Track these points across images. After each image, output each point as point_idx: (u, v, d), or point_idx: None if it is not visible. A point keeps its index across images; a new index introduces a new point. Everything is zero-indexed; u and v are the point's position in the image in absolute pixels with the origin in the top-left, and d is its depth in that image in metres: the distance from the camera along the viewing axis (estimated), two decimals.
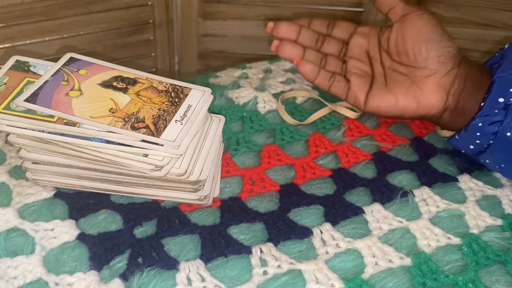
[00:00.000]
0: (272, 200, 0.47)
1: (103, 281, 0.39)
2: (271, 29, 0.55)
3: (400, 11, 0.51)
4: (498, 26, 0.97)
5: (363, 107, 0.52)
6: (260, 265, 0.41)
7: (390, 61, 0.53)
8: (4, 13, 0.88)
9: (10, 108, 0.42)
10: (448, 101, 0.49)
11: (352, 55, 0.55)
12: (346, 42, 0.56)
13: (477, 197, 0.48)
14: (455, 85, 0.49)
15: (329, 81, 0.54)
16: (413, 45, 0.50)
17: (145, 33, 1.02)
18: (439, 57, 0.49)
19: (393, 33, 0.52)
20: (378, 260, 0.42)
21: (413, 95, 0.50)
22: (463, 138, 0.49)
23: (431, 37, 0.49)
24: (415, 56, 0.50)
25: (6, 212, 0.44)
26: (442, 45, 0.49)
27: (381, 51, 0.54)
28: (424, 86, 0.50)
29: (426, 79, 0.50)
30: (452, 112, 0.49)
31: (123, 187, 0.45)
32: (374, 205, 0.47)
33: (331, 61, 0.55)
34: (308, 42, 0.55)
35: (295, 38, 0.55)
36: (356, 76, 0.53)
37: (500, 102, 0.45)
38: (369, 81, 0.53)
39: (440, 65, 0.49)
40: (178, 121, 0.42)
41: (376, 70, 0.54)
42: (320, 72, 0.53)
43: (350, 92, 0.53)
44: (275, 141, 0.54)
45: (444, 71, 0.49)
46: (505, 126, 0.45)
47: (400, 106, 0.51)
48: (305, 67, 0.53)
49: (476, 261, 0.42)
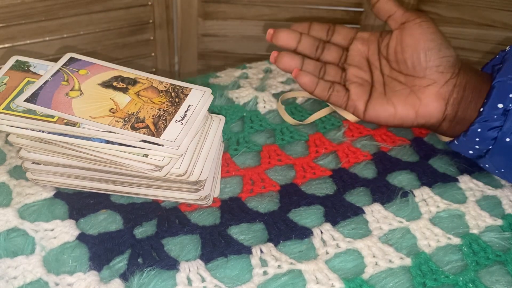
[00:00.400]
0: (272, 200, 0.47)
1: (103, 281, 0.39)
2: (270, 36, 0.55)
3: (399, 18, 0.50)
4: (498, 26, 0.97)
5: (363, 116, 0.52)
6: (260, 265, 0.41)
7: (389, 69, 0.52)
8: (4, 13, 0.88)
9: (10, 108, 0.42)
10: (447, 110, 0.49)
11: (351, 63, 0.54)
12: (346, 48, 0.56)
13: (477, 197, 0.48)
14: (454, 94, 0.48)
15: (328, 91, 0.53)
16: (411, 55, 0.49)
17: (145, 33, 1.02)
18: (438, 66, 0.49)
19: (392, 41, 0.51)
20: (378, 260, 0.42)
21: (412, 104, 0.50)
22: (462, 143, 0.49)
23: (430, 46, 0.48)
24: (413, 66, 0.49)
25: (6, 212, 0.44)
26: (441, 55, 0.48)
27: (380, 58, 0.53)
28: (423, 95, 0.49)
29: (425, 88, 0.49)
30: (451, 121, 0.49)
31: (123, 187, 0.45)
32: (374, 205, 0.47)
33: (330, 70, 0.55)
34: (308, 50, 0.55)
35: (295, 46, 0.54)
36: (355, 85, 0.53)
37: (499, 107, 0.45)
38: (369, 89, 0.53)
39: (439, 74, 0.49)
40: (178, 121, 0.42)
41: (375, 78, 0.53)
42: (319, 83, 0.53)
43: (349, 101, 0.53)
44: (275, 141, 0.54)
45: (443, 81, 0.49)
46: (505, 131, 0.45)
47: (399, 116, 0.50)
48: (303, 79, 0.53)
49: (476, 261, 0.42)
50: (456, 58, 0.49)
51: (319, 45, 0.55)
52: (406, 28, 0.50)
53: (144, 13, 0.99)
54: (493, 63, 0.51)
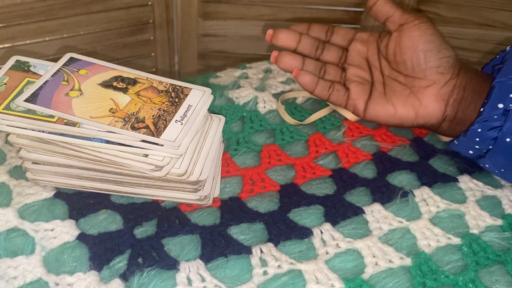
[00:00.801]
0: (272, 200, 0.47)
1: (103, 281, 0.39)
2: (270, 36, 0.55)
3: (397, 20, 0.50)
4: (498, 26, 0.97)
5: (363, 115, 0.52)
6: (260, 265, 0.41)
7: (389, 69, 0.52)
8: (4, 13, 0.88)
9: (10, 108, 0.42)
10: (447, 111, 0.49)
11: (351, 62, 0.54)
12: (346, 48, 0.56)
13: (477, 197, 0.48)
14: (454, 95, 0.48)
15: (328, 90, 0.53)
16: (411, 56, 0.49)
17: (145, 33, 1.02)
18: (437, 67, 0.48)
19: (391, 43, 0.51)
20: (378, 260, 0.42)
21: (412, 105, 0.50)
22: (462, 143, 0.49)
23: (429, 47, 0.48)
24: (413, 67, 0.49)
25: (6, 212, 0.44)
26: (440, 56, 0.48)
27: (380, 58, 0.53)
28: (423, 96, 0.49)
29: (424, 89, 0.49)
30: (451, 122, 0.49)
31: (123, 187, 0.45)
32: (374, 205, 0.47)
33: (330, 70, 0.55)
34: (308, 50, 0.54)
35: (295, 46, 0.54)
36: (355, 84, 0.53)
37: (500, 107, 0.45)
38: (369, 89, 0.53)
39: (439, 75, 0.49)
40: (178, 121, 0.42)
41: (375, 77, 0.53)
42: (319, 82, 0.53)
43: (349, 100, 0.53)
44: (275, 141, 0.54)
45: (443, 82, 0.49)
46: (505, 131, 0.45)
47: (398, 116, 0.50)
48: (304, 79, 0.53)
49: (476, 261, 0.42)
50: (455, 58, 0.49)
51: (318, 45, 0.55)
52: (404, 30, 0.49)
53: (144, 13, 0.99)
54: (493, 63, 0.51)
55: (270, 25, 1.02)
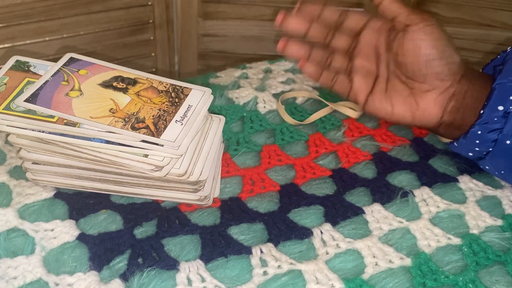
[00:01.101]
0: (272, 200, 0.47)
1: (103, 281, 0.39)
2: (280, 21, 0.52)
3: (403, 20, 0.48)
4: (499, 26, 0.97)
5: (362, 108, 0.52)
6: (260, 266, 0.41)
7: (394, 66, 0.52)
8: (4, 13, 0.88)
9: (10, 108, 0.42)
10: (444, 117, 0.48)
11: (359, 52, 0.52)
12: (358, 34, 0.53)
13: (477, 197, 0.48)
14: (453, 102, 0.48)
15: (332, 81, 0.53)
16: (412, 60, 0.48)
17: (145, 33, 1.02)
18: (438, 74, 0.47)
19: (395, 42, 0.49)
20: (378, 261, 0.42)
21: (409, 107, 0.49)
22: (462, 145, 0.48)
23: (431, 53, 0.47)
24: (413, 70, 0.48)
25: (6, 212, 0.44)
26: (442, 62, 0.47)
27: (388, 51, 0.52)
28: (421, 100, 0.49)
29: (423, 93, 0.49)
30: (448, 126, 0.49)
31: (123, 187, 0.45)
32: (374, 205, 0.47)
33: (338, 58, 0.54)
34: (317, 37, 0.53)
35: (305, 32, 0.52)
36: (359, 77, 0.52)
37: (500, 110, 0.45)
38: (371, 83, 0.52)
39: (439, 82, 0.48)
40: (178, 121, 0.42)
41: (380, 72, 0.52)
42: (323, 74, 0.53)
43: (351, 92, 0.53)
44: (275, 141, 0.54)
45: (443, 88, 0.48)
46: (505, 134, 0.45)
47: (395, 115, 0.50)
48: (309, 70, 0.53)
49: (476, 261, 0.42)
50: (459, 64, 0.48)
51: (329, 32, 0.53)
52: (409, 31, 0.48)
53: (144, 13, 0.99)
54: (494, 64, 0.50)
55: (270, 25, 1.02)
